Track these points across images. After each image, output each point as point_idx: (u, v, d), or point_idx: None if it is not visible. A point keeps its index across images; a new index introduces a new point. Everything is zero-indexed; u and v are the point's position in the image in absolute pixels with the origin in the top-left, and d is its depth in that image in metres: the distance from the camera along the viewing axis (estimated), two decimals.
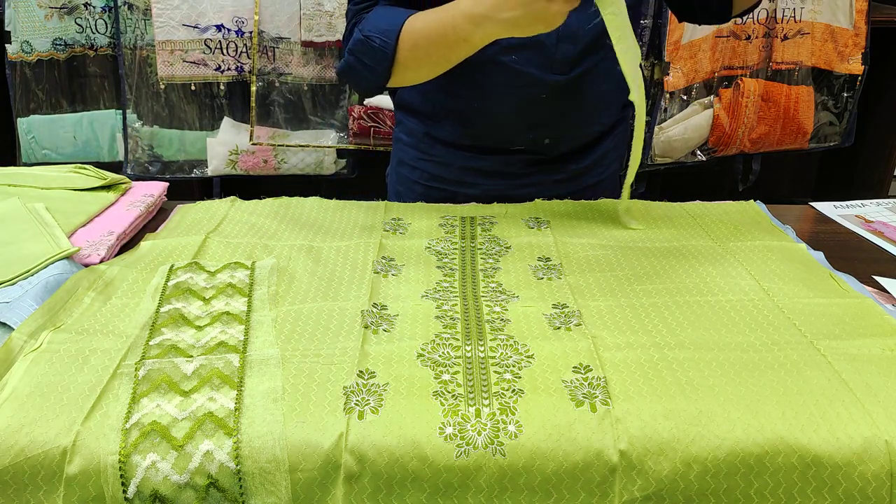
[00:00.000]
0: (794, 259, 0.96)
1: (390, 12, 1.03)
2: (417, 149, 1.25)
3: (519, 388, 0.68)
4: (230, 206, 1.10)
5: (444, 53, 0.99)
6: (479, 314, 0.81)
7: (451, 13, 0.95)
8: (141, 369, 0.70)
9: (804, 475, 0.63)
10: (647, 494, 0.63)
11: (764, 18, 2.08)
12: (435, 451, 0.63)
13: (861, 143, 2.32)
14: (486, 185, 1.20)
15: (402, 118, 1.27)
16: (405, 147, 1.27)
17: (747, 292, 0.86)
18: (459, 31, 0.94)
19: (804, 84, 2.16)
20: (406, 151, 1.27)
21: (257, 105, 1.99)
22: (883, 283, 0.95)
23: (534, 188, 1.19)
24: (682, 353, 0.74)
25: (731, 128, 2.14)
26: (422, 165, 1.25)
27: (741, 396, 0.67)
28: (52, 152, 2.02)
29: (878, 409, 0.66)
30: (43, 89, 1.99)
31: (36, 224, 0.99)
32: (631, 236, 1.03)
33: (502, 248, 0.98)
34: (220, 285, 0.86)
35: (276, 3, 1.89)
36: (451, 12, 0.95)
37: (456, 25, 0.94)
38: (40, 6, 1.92)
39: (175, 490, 0.61)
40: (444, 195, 1.21)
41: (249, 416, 0.65)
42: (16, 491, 0.62)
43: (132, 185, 1.20)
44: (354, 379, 0.69)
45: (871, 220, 1.18)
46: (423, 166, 1.25)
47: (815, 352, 0.74)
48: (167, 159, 2.06)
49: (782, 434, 0.64)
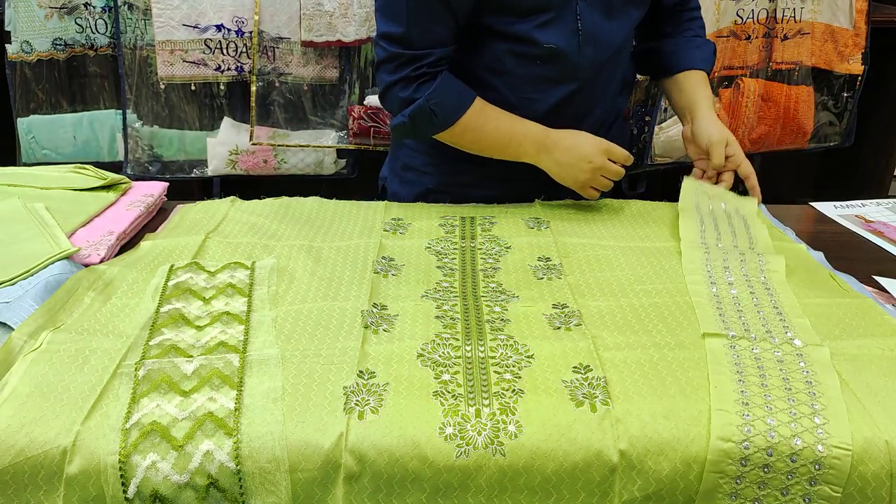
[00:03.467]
0: (794, 259, 0.96)
1: (458, 88, 1.09)
2: (429, 155, 1.23)
3: (519, 388, 0.68)
4: (230, 206, 1.10)
5: (495, 153, 1.13)
6: (479, 314, 0.81)
7: (523, 132, 1.10)
8: (141, 369, 0.70)
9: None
10: (647, 494, 0.63)
11: (764, 18, 2.08)
12: (435, 451, 0.63)
13: (861, 143, 2.32)
14: (500, 189, 1.19)
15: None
16: (414, 153, 1.25)
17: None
18: (519, 153, 1.12)
19: (804, 84, 2.16)
20: (415, 157, 1.25)
21: (257, 105, 1.99)
22: (883, 283, 0.95)
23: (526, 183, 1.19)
24: (682, 353, 0.74)
25: (731, 128, 2.14)
26: (433, 171, 1.23)
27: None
28: (52, 152, 2.02)
29: (878, 409, 0.66)
30: (43, 89, 1.99)
31: (36, 224, 0.99)
32: (631, 236, 1.03)
33: (502, 248, 0.98)
34: (220, 285, 0.85)
35: (276, 3, 1.89)
36: (521, 132, 1.10)
37: (520, 147, 1.11)
38: (40, 6, 1.92)
39: (175, 490, 0.61)
40: (452, 198, 1.19)
41: (249, 416, 0.65)
42: (16, 491, 0.62)
43: (132, 185, 1.20)
44: (354, 379, 0.69)
45: (871, 220, 1.18)
46: (433, 171, 1.23)
47: (816, 352, 0.74)
48: (167, 159, 2.06)
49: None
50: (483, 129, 1.10)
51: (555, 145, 1.09)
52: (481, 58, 1.11)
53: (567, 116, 1.13)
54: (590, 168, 1.07)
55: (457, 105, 1.08)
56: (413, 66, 1.06)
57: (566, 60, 1.09)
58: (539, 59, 1.09)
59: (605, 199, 1.15)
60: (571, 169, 1.09)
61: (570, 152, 1.08)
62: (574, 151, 1.08)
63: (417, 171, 1.24)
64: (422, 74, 1.06)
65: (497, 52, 1.10)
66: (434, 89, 1.06)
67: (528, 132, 1.10)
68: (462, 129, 1.09)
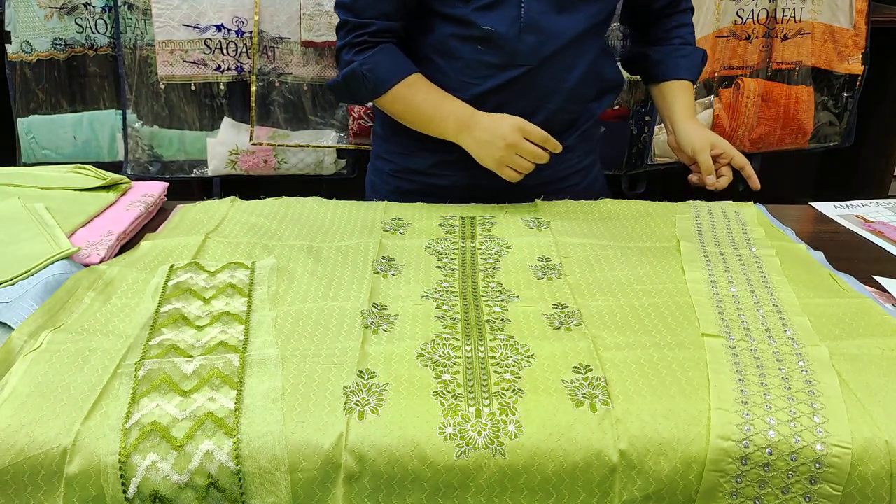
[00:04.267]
0: (794, 259, 0.96)
1: (396, 60, 1.14)
2: (391, 141, 1.28)
3: (519, 388, 0.68)
4: (230, 206, 1.10)
5: (421, 126, 1.18)
6: (479, 314, 0.81)
7: (447, 110, 1.13)
8: (141, 369, 0.70)
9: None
10: (647, 494, 0.63)
11: (764, 18, 2.08)
12: (435, 451, 0.63)
13: (861, 143, 2.32)
14: (455, 176, 1.23)
15: (378, 112, 1.31)
16: (379, 140, 1.32)
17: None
18: (442, 128, 1.14)
19: (804, 84, 2.16)
20: (380, 145, 1.32)
21: (257, 105, 1.99)
22: (883, 283, 0.95)
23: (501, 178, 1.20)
24: (682, 353, 0.74)
25: (731, 128, 2.14)
26: (394, 158, 1.28)
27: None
28: (52, 152, 2.02)
29: (877, 408, 0.66)
30: (43, 89, 1.99)
31: (36, 224, 0.99)
32: (631, 236, 1.03)
33: (502, 248, 0.98)
34: (220, 285, 0.85)
35: (276, 3, 1.89)
36: (448, 109, 1.13)
37: (444, 122, 1.13)
38: (40, 6, 1.92)
39: (175, 490, 0.61)
40: (416, 186, 1.24)
41: (249, 416, 0.65)
42: (16, 491, 0.62)
43: (132, 185, 1.20)
44: (354, 379, 0.69)
45: (871, 220, 1.18)
46: (395, 158, 1.28)
47: (815, 351, 0.74)
48: (167, 159, 2.06)
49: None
50: (411, 100, 1.14)
51: (476, 124, 1.11)
52: (428, 39, 1.17)
53: (514, 107, 1.14)
54: (504, 145, 1.08)
55: (390, 74, 1.13)
56: (356, 34, 1.14)
57: (505, 45, 1.12)
58: (480, 44, 1.13)
59: (606, 199, 1.15)
60: (487, 147, 1.10)
61: (486, 131, 1.10)
62: (490, 130, 1.10)
63: (383, 160, 1.31)
64: (363, 42, 1.14)
65: (442, 34, 1.15)
66: (369, 56, 1.13)
67: (454, 111, 1.13)
68: (392, 98, 1.15)
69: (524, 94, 1.15)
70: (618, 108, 2.07)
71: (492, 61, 1.14)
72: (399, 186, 1.27)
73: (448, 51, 1.15)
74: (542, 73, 1.14)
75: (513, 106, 1.14)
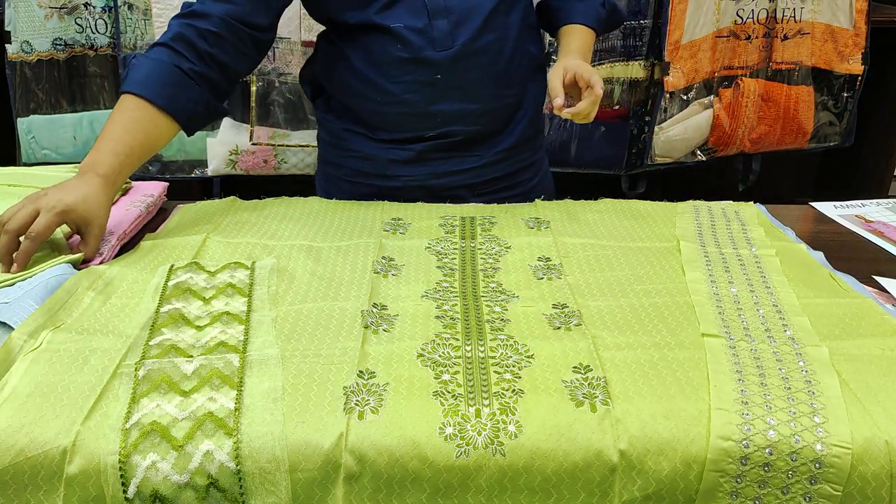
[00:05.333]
0: (794, 259, 0.96)
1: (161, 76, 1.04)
2: (339, 147, 1.27)
3: (519, 388, 0.68)
4: (230, 206, 1.10)
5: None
6: (479, 314, 0.81)
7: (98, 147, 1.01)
8: (141, 369, 0.70)
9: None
10: (647, 494, 0.63)
11: (764, 18, 2.08)
12: (435, 451, 0.63)
13: (861, 143, 2.32)
14: (406, 177, 1.22)
15: (322, 118, 1.30)
16: (327, 147, 1.30)
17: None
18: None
19: (804, 84, 2.16)
20: (329, 151, 1.30)
21: (257, 105, 1.99)
22: (883, 283, 0.95)
23: (455, 176, 1.20)
24: (682, 353, 0.74)
25: (731, 128, 2.14)
26: (345, 162, 1.27)
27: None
28: (52, 152, 2.02)
29: (877, 409, 0.66)
30: (43, 89, 1.99)
31: None
32: (631, 236, 1.03)
33: (502, 248, 0.98)
34: (220, 285, 0.85)
35: None
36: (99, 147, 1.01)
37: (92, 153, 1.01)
38: (40, 6, 1.92)
39: (175, 490, 0.61)
40: (370, 189, 1.22)
41: (249, 416, 0.65)
42: (16, 491, 0.62)
43: (132, 185, 1.20)
44: (354, 379, 0.69)
45: (871, 220, 1.18)
46: (346, 163, 1.27)
47: (815, 351, 0.74)
48: (167, 159, 2.06)
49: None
50: (112, 114, 1.04)
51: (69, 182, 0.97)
52: (356, 56, 1.16)
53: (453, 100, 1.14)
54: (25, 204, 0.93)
55: (138, 83, 1.04)
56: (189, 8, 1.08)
57: (419, 36, 1.11)
58: (398, 43, 1.12)
59: (605, 199, 1.15)
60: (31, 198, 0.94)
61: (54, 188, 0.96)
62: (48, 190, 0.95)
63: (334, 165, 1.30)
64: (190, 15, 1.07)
65: (365, 45, 1.14)
66: (150, 54, 1.06)
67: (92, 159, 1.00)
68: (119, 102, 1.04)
69: (458, 86, 1.15)
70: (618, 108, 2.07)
71: (413, 56, 1.12)
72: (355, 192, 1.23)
73: (374, 61, 1.14)
74: (469, 59, 1.14)
75: (451, 99, 1.14)
